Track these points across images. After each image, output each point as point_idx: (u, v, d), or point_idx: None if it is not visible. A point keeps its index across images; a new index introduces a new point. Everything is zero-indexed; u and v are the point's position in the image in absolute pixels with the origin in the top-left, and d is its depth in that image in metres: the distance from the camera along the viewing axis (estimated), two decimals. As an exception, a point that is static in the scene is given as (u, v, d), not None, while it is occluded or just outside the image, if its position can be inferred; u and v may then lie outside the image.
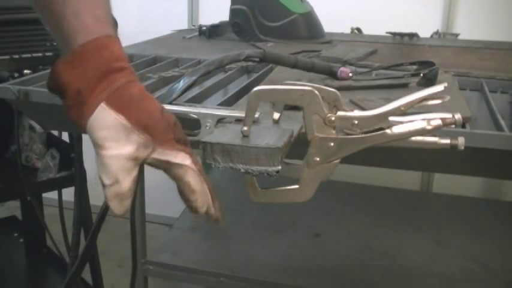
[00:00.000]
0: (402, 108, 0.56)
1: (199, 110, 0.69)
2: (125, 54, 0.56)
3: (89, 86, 0.53)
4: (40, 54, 1.52)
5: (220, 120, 0.67)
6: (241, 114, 0.62)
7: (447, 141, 0.57)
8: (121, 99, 0.53)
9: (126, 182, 0.53)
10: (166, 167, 0.55)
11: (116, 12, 1.50)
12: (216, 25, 1.70)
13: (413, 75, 1.10)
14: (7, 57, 1.46)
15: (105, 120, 0.52)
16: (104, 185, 0.53)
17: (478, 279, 1.44)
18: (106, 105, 0.52)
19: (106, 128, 0.52)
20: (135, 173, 0.53)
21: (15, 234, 1.98)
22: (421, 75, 1.06)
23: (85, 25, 0.54)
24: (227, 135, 0.59)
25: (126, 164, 0.52)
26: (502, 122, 0.86)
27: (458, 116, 0.55)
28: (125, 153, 0.52)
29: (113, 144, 0.52)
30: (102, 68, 0.53)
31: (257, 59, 1.06)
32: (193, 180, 0.55)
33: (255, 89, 0.58)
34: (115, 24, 1.42)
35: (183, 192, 0.56)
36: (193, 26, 2.00)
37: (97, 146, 0.53)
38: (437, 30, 1.81)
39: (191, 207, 0.57)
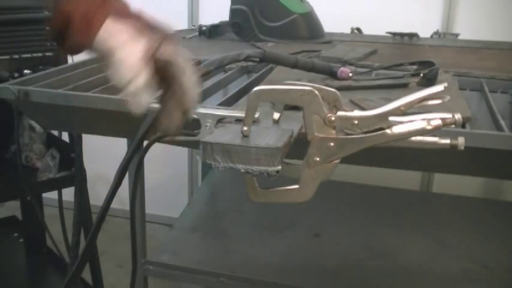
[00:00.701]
0: (402, 108, 0.56)
1: (199, 110, 0.69)
2: None
3: (94, 6, 0.59)
4: (40, 54, 1.52)
5: (220, 120, 0.67)
6: (241, 114, 0.62)
7: (447, 141, 0.57)
8: (124, 13, 0.60)
9: (142, 76, 0.57)
10: (166, 68, 0.60)
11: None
12: (216, 25, 1.70)
13: (413, 75, 1.10)
14: (7, 57, 1.46)
15: (113, 31, 0.58)
16: (122, 85, 0.58)
17: (478, 279, 1.44)
18: (113, 20, 0.59)
19: (116, 34, 0.58)
20: (148, 69, 0.58)
21: (15, 234, 1.98)
22: (421, 75, 1.06)
23: None
24: (227, 135, 0.59)
25: (139, 59, 0.58)
26: (502, 122, 0.86)
27: (458, 116, 0.55)
28: (137, 54, 0.58)
29: (124, 50, 0.58)
30: None
31: (257, 59, 1.06)
32: (189, 82, 0.61)
33: (255, 89, 0.58)
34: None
35: (175, 91, 0.61)
36: (193, 26, 2.00)
37: (109, 53, 0.59)
38: (437, 30, 1.81)
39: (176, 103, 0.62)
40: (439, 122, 0.55)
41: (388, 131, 0.56)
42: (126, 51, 0.58)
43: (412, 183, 2.18)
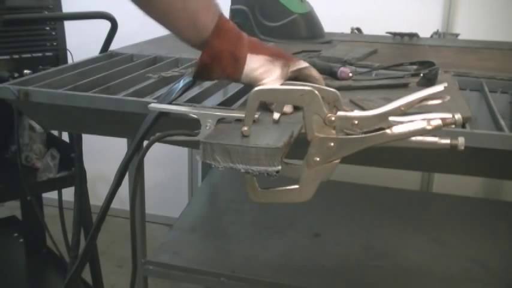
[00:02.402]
0: (402, 108, 0.56)
1: (199, 110, 0.69)
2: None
3: (237, 46, 0.77)
4: (40, 54, 1.52)
5: (220, 120, 0.67)
6: (241, 114, 0.62)
7: (447, 141, 0.57)
8: (256, 47, 0.79)
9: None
10: (298, 74, 0.80)
11: (116, 12, 1.50)
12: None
13: (413, 75, 1.10)
14: (7, 57, 1.46)
15: (255, 62, 0.77)
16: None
17: (478, 279, 1.44)
18: (251, 53, 0.77)
19: (259, 67, 0.77)
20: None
21: (15, 234, 1.98)
22: (421, 75, 1.06)
23: (211, 8, 0.78)
24: (227, 135, 0.59)
25: (279, 83, 0.77)
26: (502, 122, 0.86)
27: (458, 116, 0.55)
28: (278, 74, 0.78)
29: (268, 74, 0.77)
30: (237, 33, 0.78)
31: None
32: (314, 72, 0.82)
33: (255, 89, 0.58)
34: (115, 24, 1.43)
35: (311, 81, 0.78)
36: (193, 26, 1.99)
37: (257, 81, 0.77)
38: (437, 30, 1.81)
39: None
40: (439, 122, 0.55)
41: (388, 131, 0.56)
42: (272, 78, 0.77)
43: (412, 183, 2.18)
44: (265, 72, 0.77)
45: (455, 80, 1.11)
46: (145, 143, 0.73)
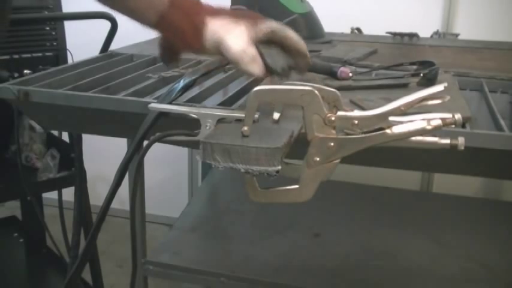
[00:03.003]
0: (402, 108, 0.56)
1: (199, 110, 0.69)
2: None
3: (193, 13, 0.73)
4: (40, 54, 1.52)
5: (220, 120, 0.67)
6: (241, 114, 0.62)
7: (447, 141, 0.57)
8: (217, 11, 0.74)
9: (252, 49, 0.71)
10: (272, 36, 0.73)
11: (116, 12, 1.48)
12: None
13: (413, 75, 1.10)
14: (7, 57, 1.46)
15: (216, 24, 0.72)
16: (239, 61, 0.71)
17: (478, 279, 1.44)
18: (211, 17, 0.73)
19: (221, 27, 0.71)
20: (254, 47, 0.72)
21: (15, 234, 1.98)
22: (421, 75, 1.06)
23: None
24: (227, 135, 0.58)
25: (245, 38, 0.71)
26: (502, 122, 0.86)
27: (458, 116, 0.55)
28: (242, 28, 0.71)
29: (231, 32, 0.71)
30: (195, 2, 0.74)
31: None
32: (291, 33, 0.76)
33: (255, 89, 0.58)
34: (115, 24, 1.42)
35: (293, 46, 0.76)
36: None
37: (221, 42, 0.71)
38: (437, 30, 1.80)
39: (304, 55, 0.78)
40: (439, 122, 0.55)
41: (388, 131, 0.56)
42: (235, 33, 0.71)
43: (412, 183, 2.18)
44: (228, 30, 0.71)
45: (455, 80, 1.11)
46: (145, 143, 0.73)
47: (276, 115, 0.63)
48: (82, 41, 1.60)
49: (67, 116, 1.07)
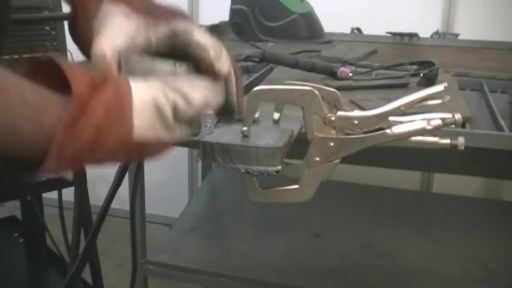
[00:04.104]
0: (402, 108, 0.56)
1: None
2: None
3: None
4: (40, 54, 1.52)
5: (220, 120, 0.67)
6: (241, 114, 0.62)
7: (447, 141, 0.57)
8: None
9: (108, 54, 0.48)
10: (173, 41, 0.50)
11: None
12: (216, 25, 1.70)
13: (413, 75, 1.10)
14: (7, 57, 1.46)
15: (105, 12, 0.51)
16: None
17: (478, 279, 1.44)
18: (108, 3, 0.52)
19: (105, 16, 0.51)
20: (130, 49, 0.50)
21: (15, 234, 1.97)
22: (421, 75, 1.06)
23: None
24: (227, 135, 0.58)
25: (120, 41, 0.49)
26: (502, 122, 0.86)
27: (458, 116, 0.55)
28: (122, 31, 0.50)
29: (108, 26, 0.50)
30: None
31: (257, 59, 1.06)
32: (201, 37, 0.50)
33: (255, 89, 0.58)
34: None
35: (196, 56, 0.49)
36: (193, 26, 2.00)
37: (96, 33, 0.51)
38: (437, 30, 1.81)
39: (208, 67, 0.49)
40: (439, 122, 0.55)
41: (388, 131, 0.56)
42: (106, 34, 0.50)
43: (412, 183, 2.18)
44: (108, 24, 0.50)
45: (455, 80, 1.11)
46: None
47: (276, 115, 0.63)
48: (82, 41, 1.60)
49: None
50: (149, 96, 0.43)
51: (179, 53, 0.50)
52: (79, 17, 0.54)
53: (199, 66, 0.49)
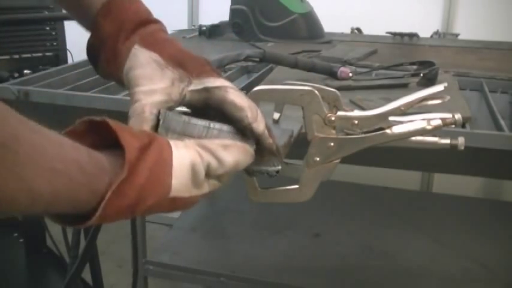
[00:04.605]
0: (402, 108, 0.56)
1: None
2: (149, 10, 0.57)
3: (121, 33, 0.54)
4: (40, 54, 1.52)
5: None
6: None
7: (447, 141, 0.57)
8: (154, 40, 0.54)
9: (147, 110, 0.51)
10: (206, 97, 0.52)
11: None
12: (216, 25, 1.70)
13: (413, 75, 1.10)
14: (7, 57, 1.46)
15: (138, 59, 0.53)
16: (129, 115, 0.51)
17: (478, 279, 1.44)
18: (139, 45, 0.53)
19: (140, 67, 0.52)
20: (168, 104, 0.52)
21: (15, 234, 1.97)
22: (421, 75, 1.06)
23: None
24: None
25: (158, 98, 0.51)
26: (502, 122, 0.86)
27: (458, 116, 0.55)
28: (161, 87, 0.52)
29: (147, 82, 0.52)
30: (136, 20, 0.55)
31: (257, 59, 1.06)
32: (237, 97, 0.52)
33: (255, 89, 0.58)
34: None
35: (231, 115, 0.52)
36: (193, 26, 2.00)
37: (131, 86, 0.52)
38: (437, 30, 1.81)
39: (245, 128, 0.52)
40: (439, 122, 0.55)
41: (388, 131, 0.56)
42: (145, 89, 0.51)
43: (412, 183, 2.18)
44: (144, 77, 0.52)
45: (455, 80, 1.11)
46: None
47: (276, 115, 0.63)
48: (82, 41, 1.59)
49: (67, 116, 1.07)
50: (187, 159, 0.46)
51: (213, 107, 0.53)
52: (107, 51, 0.56)
53: (235, 124, 0.52)
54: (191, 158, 0.46)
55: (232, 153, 0.49)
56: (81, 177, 0.39)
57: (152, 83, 0.52)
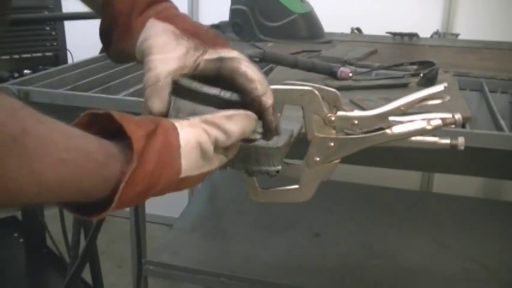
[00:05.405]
0: (402, 108, 0.56)
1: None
2: None
3: (135, 8, 0.55)
4: (40, 54, 1.52)
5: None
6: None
7: (447, 141, 0.57)
8: (168, 14, 0.55)
9: (164, 79, 0.51)
10: (220, 67, 0.53)
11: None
12: (216, 25, 1.70)
13: (413, 75, 1.10)
14: (7, 57, 1.46)
15: (153, 29, 0.53)
16: (144, 85, 0.52)
17: (478, 279, 1.44)
18: (154, 19, 0.54)
19: (155, 36, 0.53)
20: (182, 71, 0.52)
21: (15, 234, 1.97)
22: (421, 75, 1.06)
23: None
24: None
25: (172, 66, 0.52)
26: (502, 122, 0.86)
27: (458, 116, 0.55)
28: (177, 55, 0.52)
29: (161, 50, 0.52)
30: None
31: (257, 59, 1.06)
32: (249, 69, 0.53)
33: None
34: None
35: (242, 85, 0.52)
36: (194, 26, 2.00)
37: (146, 55, 0.53)
38: (437, 30, 1.81)
39: (253, 100, 0.52)
40: (439, 122, 0.55)
41: (388, 131, 0.56)
42: (160, 57, 0.52)
43: (412, 183, 2.18)
44: (159, 45, 0.52)
45: (455, 80, 1.11)
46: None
47: (276, 115, 0.63)
48: (82, 41, 1.60)
49: (67, 116, 1.07)
50: (193, 137, 0.47)
51: (225, 78, 0.53)
52: (119, 28, 0.56)
53: (245, 96, 0.52)
54: (197, 135, 0.47)
55: (237, 122, 0.50)
56: (90, 165, 0.40)
57: (167, 51, 0.52)
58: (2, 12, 0.65)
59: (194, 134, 0.47)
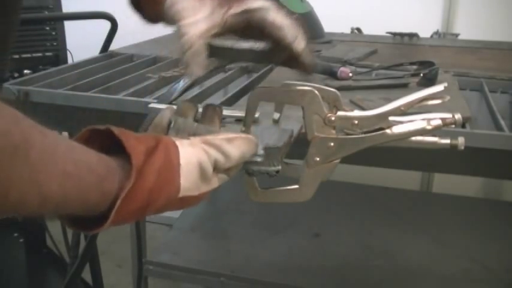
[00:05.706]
0: (402, 108, 0.56)
1: (199, 110, 0.69)
2: None
3: None
4: (40, 54, 1.52)
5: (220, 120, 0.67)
6: (241, 114, 0.62)
7: (447, 141, 0.57)
8: None
9: (200, 45, 0.54)
10: (247, 18, 0.54)
11: (116, 12, 1.50)
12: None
13: (413, 75, 1.10)
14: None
15: None
16: (182, 53, 0.54)
17: (478, 279, 1.44)
18: None
19: (180, 1, 0.55)
20: (212, 31, 0.54)
21: (15, 234, 1.97)
22: (421, 75, 1.06)
23: None
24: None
25: (202, 28, 0.54)
26: (502, 122, 0.86)
27: (458, 116, 0.55)
28: (204, 15, 0.54)
29: (190, 13, 0.54)
30: None
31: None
32: (277, 17, 0.54)
33: (255, 89, 0.58)
34: (115, 24, 1.42)
35: (272, 35, 0.54)
36: (193, 26, 1.99)
37: (175, 20, 0.55)
38: (437, 30, 1.81)
39: (286, 47, 0.54)
40: (439, 122, 0.55)
41: (388, 131, 0.56)
42: (190, 21, 0.55)
43: (412, 183, 2.18)
44: (185, 10, 0.55)
45: (455, 80, 1.11)
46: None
47: (276, 115, 0.63)
48: (82, 41, 1.60)
49: (67, 116, 1.07)
50: (194, 157, 0.47)
51: (254, 29, 0.54)
52: None
53: (276, 45, 0.53)
54: (198, 155, 0.47)
55: (237, 145, 0.50)
56: (91, 178, 0.40)
57: (194, 13, 0.54)
58: (14, 13, 0.65)
59: (194, 154, 0.47)
